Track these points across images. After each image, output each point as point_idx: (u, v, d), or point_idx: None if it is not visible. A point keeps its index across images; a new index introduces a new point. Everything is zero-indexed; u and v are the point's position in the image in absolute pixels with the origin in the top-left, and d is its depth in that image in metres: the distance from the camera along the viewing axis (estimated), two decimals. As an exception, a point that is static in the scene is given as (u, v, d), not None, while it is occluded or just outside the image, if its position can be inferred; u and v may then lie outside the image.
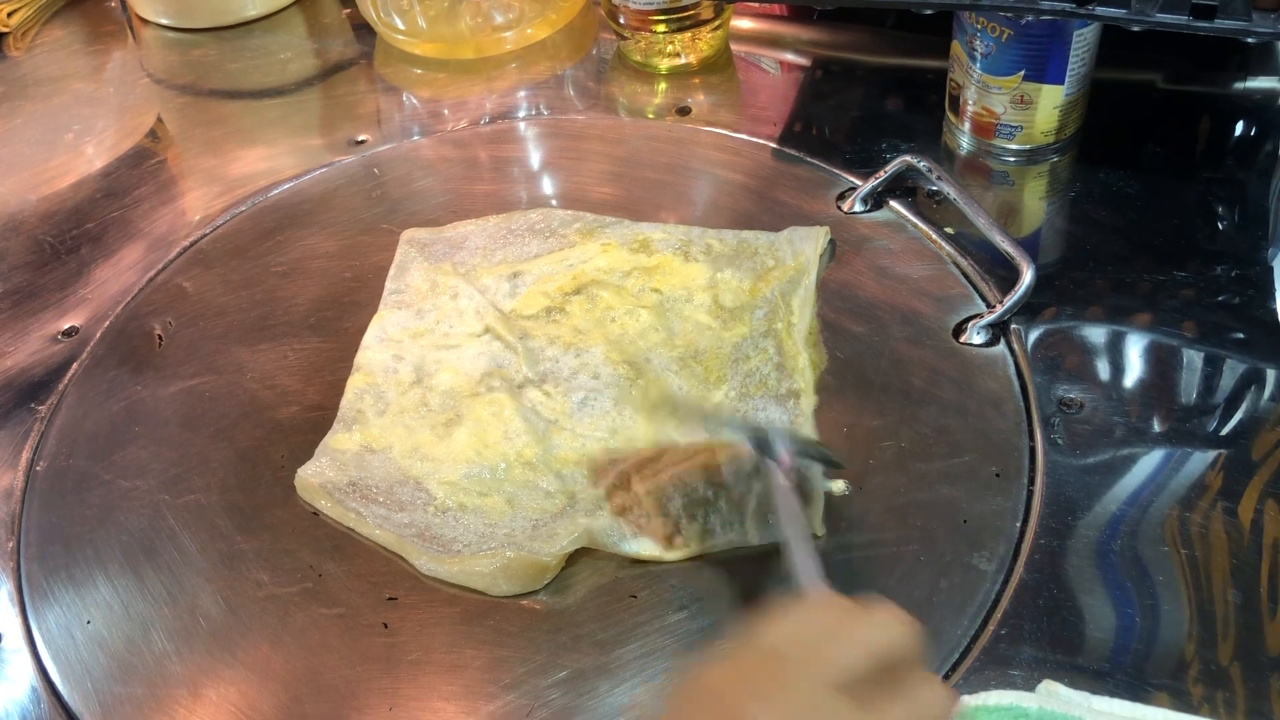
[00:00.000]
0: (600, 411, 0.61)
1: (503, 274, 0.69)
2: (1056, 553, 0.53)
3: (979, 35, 0.70)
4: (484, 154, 0.82)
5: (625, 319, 0.65)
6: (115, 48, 1.00)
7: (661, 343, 0.64)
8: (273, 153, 0.84)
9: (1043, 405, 0.60)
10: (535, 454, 0.59)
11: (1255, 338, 0.62)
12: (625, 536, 0.55)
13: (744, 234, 0.70)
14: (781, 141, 0.79)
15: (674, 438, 0.58)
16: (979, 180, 0.74)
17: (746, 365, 0.62)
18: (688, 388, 0.62)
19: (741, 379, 0.62)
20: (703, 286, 0.67)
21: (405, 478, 0.59)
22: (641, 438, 0.59)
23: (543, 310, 0.67)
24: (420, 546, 0.56)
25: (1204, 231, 0.68)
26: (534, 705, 0.50)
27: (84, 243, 0.78)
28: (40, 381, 0.68)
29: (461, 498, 0.58)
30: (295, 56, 0.95)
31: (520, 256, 0.70)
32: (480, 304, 0.67)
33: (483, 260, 0.71)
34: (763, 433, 0.53)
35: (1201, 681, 0.48)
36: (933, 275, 0.68)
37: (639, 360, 0.63)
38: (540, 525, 0.56)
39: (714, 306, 0.66)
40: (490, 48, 0.91)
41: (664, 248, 0.69)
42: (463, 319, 0.67)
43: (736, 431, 0.55)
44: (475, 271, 0.70)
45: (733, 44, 0.89)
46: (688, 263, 0.68)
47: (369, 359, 0.65)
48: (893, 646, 0.38)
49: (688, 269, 0.68)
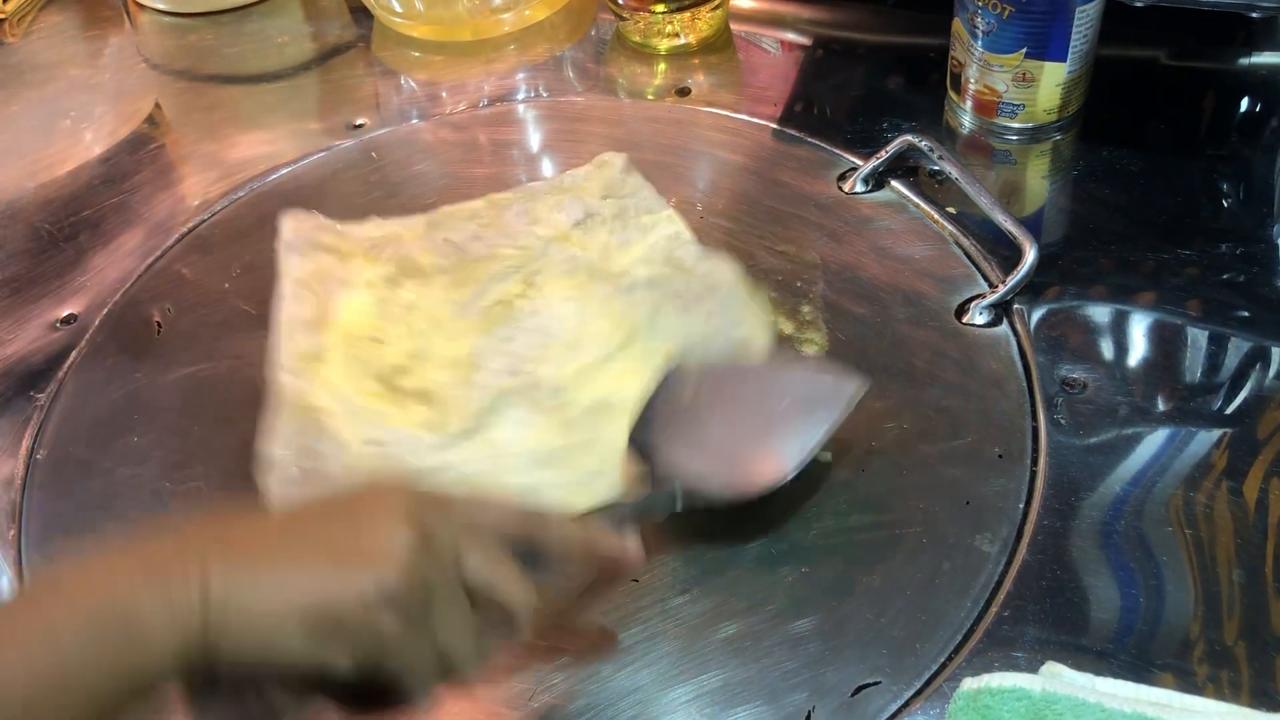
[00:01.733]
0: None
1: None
2: (1060, 533, 0.53)
3: (980, 12, 0.69)
4: (483, 137, 0.81)
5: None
6: (112, 33, 0.99)
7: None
8: (271, 137, 0.84)
9: (1046, 385, 0.59)
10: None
11: (1260, 315, 0.61)
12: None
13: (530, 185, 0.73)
14: (782, 122, 0.78)
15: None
16: (981, 159, 0.74)
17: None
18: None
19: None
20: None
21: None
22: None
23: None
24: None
25: (1208, 209, 0.67)
26: (536, 689, 0.50)
27: (82, 230, 0.78)
28: (40, 370, 0.68)
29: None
30: (293, 40, 0.94)
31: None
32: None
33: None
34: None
35: (1206, 661, 0.48)
36: (935, 255, 0.67)
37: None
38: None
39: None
40: (488, 29, 0.90)
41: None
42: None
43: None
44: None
45: (732, 23, 0.88)
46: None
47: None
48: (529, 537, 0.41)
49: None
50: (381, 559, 0.37)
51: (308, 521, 0.39)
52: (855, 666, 0.50)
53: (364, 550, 0.37)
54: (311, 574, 0.36)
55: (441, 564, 0.38)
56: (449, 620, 0.39)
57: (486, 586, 0.40)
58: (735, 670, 0.50)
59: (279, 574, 0.36)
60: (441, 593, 0.38)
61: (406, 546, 0.37)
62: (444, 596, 0.38)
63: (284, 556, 0.36)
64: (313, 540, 0.37)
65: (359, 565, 0.37)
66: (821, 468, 0.57)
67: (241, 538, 0.37)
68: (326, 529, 0.38)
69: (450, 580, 0.39)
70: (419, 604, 0.37)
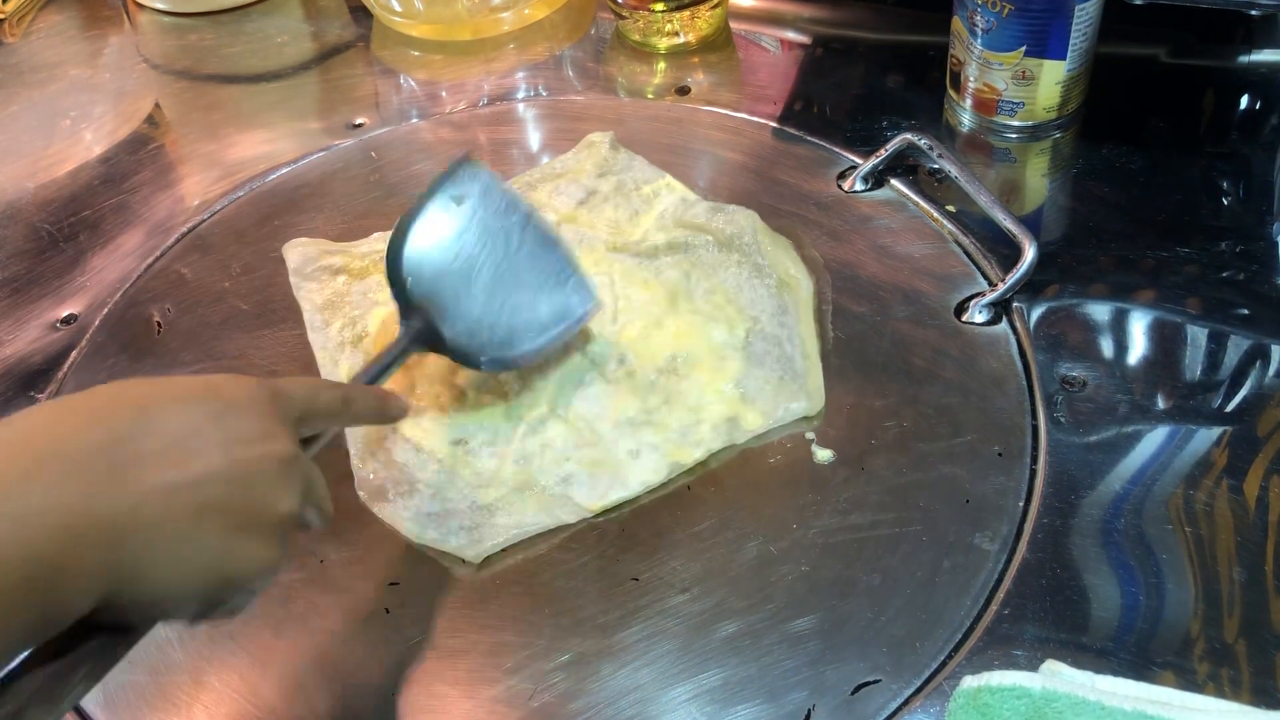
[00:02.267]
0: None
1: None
2: (1060, 532, 0.53)
3: (980, 11, 0.69)
4: (483, 136, 0.81)
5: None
6: (111, 33, 0.99)
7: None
8: (271, 137, 0.84)
9: (1045, 384, 0.59)
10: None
11: (1260, 313, 0.61)
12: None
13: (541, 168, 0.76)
14: (782, 120, 0.78)
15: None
16: (981, 157, 0.74)
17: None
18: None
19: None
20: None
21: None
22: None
23: None
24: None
25: (1208, 207, 0.67)
26: (536, 689, 0.50)
27: (82, 230, 0.78)
28: (39, 370, 0.68)
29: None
30: (292, 40, 0.94)
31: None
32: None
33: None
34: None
35: (1206, 659, 0.48)
36: (934, 254, 0.67)
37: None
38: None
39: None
40: (488, 29, 0.90)
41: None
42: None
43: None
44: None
45: (732, 22, 0.88)
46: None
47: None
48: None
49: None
50: (274, 534, 0.41)
51: (212, 479, 0.39)
52: (855, 665, 0.50)
53: (259, 523, 0.40)
54: (214, 552, 0.38)
55: (303, 498, 0.43)
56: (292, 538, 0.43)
57: (316, 506, 0.45)
58: (735, 669, 0.50)
59: (181, 548, 0.38)
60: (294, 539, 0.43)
61: (293, 509, 0.41)
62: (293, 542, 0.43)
63: (187, 526, 0.38)
64: (211, 515, 0.38)
65: (255, 539, 0.40)
66: (821, 466, 0.57)
67: (154, 498, 0.37)
68: (226, 497, 0.39)
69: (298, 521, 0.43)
70: (291, 543, 0.42)
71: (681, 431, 0.59)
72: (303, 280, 0.69)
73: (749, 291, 0.64)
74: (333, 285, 0.68)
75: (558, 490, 0.57)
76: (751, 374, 0.60)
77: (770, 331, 0.62)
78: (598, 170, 0.73)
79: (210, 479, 0.38)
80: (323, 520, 0.45)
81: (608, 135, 0.75)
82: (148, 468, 0.37)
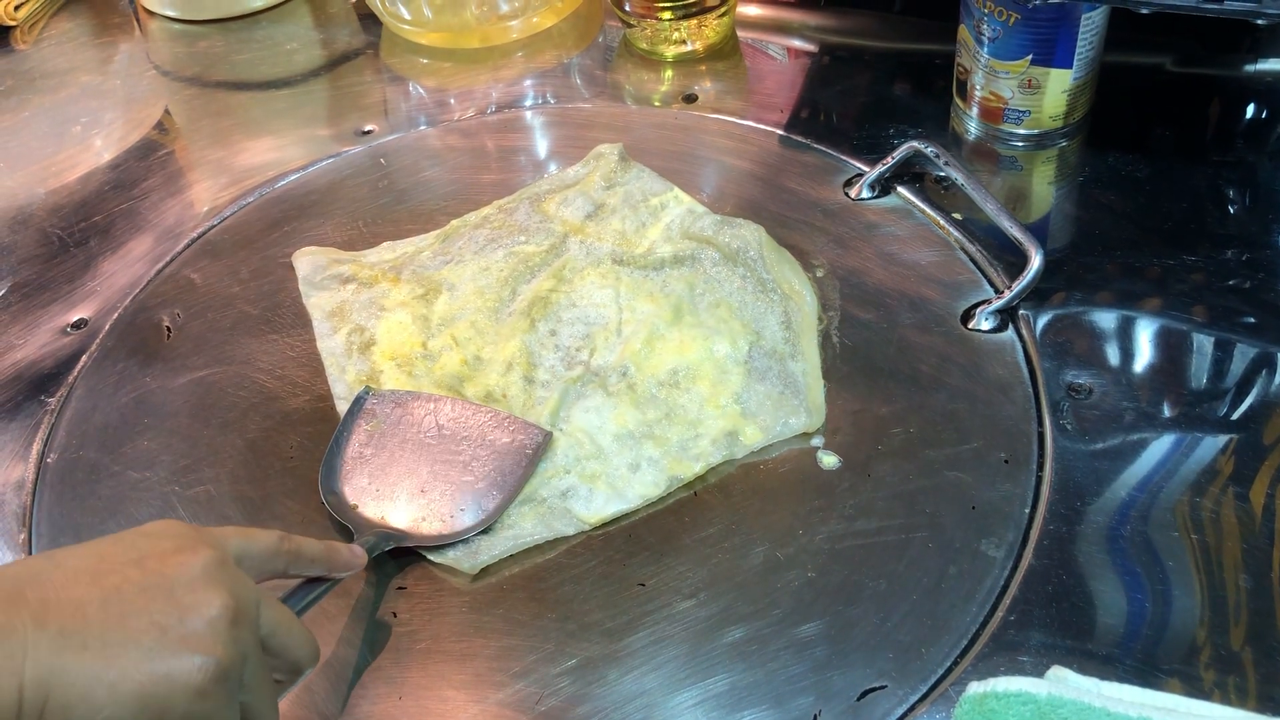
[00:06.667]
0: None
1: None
2: (1066, 538, 0.53)
3: (986, 19, 0.69)
4: (491, 143, 0.81)
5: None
6: (122, 40, 1.00)
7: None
8: (280, 143, 0.84)
9: (1051, 391, 0.59)
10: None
11: (1266, 321, 0.61)
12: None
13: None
14: (789, 128, 0.78)
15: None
16: (987, 165, 0.74)
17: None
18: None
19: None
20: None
21: None
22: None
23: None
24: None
25: (1214, 215, 0.67)
26: (543, 694, 0.50)
27: (92, 235, 0.78)
28: (50, 374, 0.68)
29: None
30: (301, 47, 0.95)
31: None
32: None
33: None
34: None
35: (1213, 667, 0.48)
36: (941, 261, 0.67)
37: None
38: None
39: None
40: (496, 36, 0.90)
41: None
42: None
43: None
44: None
45: (739, 30, 0.88)
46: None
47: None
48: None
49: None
50: (208, 643, 0.39)
51: (124, 590, 0.39)
52: (861, 670, 0.50)
53: (189, 636, 0.39)
54: (139, 665, 0.37)
55: (251, 629, 0.41)
56: (256, 679, 0.41)
57: (281, 644, 0.43)
58: (741, 674, 0.50)
59: (103, 664, 0.37)
60: (253, 657, 0.41)
61: (227, 622, 0.40)
62: (254, 660, 0.41)
63: (107, 637, 0.37)
64: (133, 619, 0.38)
65: (186, 651, 0.38)
66: (827, 472, 0.57)
67: (62, 609, 0.37)
68: (145, 603, 0.38)
69: (256, 642, 0.42)
70: (237, 675, 0.40)
71: (681, 445, 0.59)
72: (312, 289, 0.70)
73: (753, 306, 0.64)
74: (341, 293, 0.69)
75: (556, 503, 0.57)
76: (753, 388, 0.60)
77: (772, 346, 0.62)
78: (606, 183, 0.73)
79: (125, 587, 0.39)
80: (306, 661, 0.45)
81: (617, 147, 0.76)
82: (54, 588, 0.38)
